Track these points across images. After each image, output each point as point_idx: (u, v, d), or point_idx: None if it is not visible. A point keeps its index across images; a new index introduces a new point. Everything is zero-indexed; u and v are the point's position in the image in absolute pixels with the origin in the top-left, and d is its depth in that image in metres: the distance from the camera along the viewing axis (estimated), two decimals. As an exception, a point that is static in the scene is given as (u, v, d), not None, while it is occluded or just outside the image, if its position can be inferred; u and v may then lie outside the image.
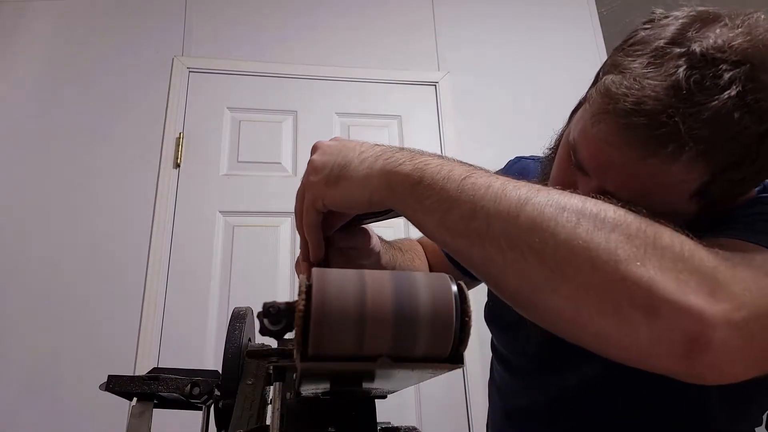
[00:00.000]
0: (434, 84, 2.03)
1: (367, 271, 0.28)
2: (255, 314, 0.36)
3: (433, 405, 1.63)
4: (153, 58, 1.92)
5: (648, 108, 0.43)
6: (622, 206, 0.36)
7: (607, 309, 0.33)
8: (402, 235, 1.65)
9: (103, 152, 1.78)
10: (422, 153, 0.43)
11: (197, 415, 0.46)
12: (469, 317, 0.27)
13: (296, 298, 0.26)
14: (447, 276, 0.29)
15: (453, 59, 2.09)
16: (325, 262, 0.50)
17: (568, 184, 0.52)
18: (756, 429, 0.61)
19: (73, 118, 1.81)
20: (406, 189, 0.41)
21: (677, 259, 0.33)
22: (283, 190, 1.79)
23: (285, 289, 1.69)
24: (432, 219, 0.40)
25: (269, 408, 0.39)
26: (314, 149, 0.48)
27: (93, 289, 1.61)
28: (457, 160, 0.42)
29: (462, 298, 0.28)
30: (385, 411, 0.36)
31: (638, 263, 0.32)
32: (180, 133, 1.82)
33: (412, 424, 0.39)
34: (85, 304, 1.59)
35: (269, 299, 0.29)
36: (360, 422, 0.34)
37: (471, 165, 0.41)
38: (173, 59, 1.92)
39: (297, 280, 0.26)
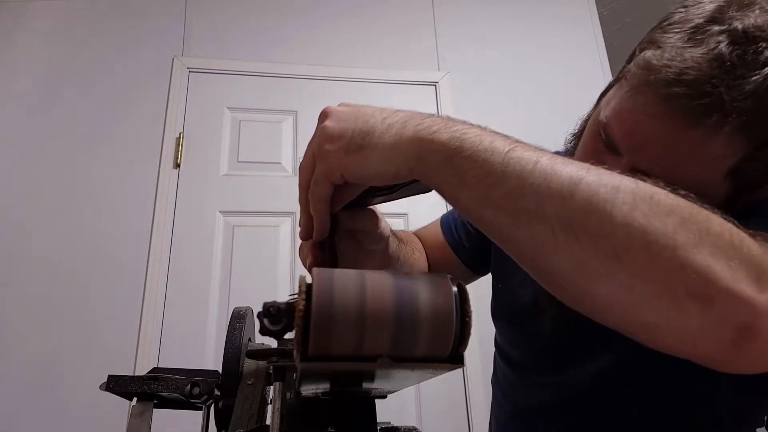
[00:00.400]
0: (434, 84, 2.04)
1: (367, 271, 0.28)
2: (255, 314, 0.36)
3: (433, 405, 1.63)
4: (153, 58, 1.92)
5: (691, 78, 0.43)
6: (670, 189, 0.35)
7: (663, 296, 0.32)
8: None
9: (103, 152, 1.78)
10: (453, 120, 0.39)
11: (197, 415, 0.46)
12: (470, 317, 0.27)
13: (296, 297, 0.26)
14: (447, 276, 0.29)
15: (453, 59, 2.09)
16: (330, 244, 0.45)
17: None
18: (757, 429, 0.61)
19: (73, 118, 1.81)
20: (442, 160, 0.37)
21: (728, 246, 0.33)
22: (283, 190, 1.79)
23: (285, 289, 1.69)
24: (472, 194, 0.36)
25: (269, 408, 0.39)
26: (324, 115, 0.43)
27: (93, 289, 1.61)
28: (492, 130, 0.39)
29: (462, 298, 0.28)
30: (385, 411, 0.36)
31: (695, 250, 0.31)
32: (180, 133, 1.82)
33: (412, 424, 0.39)
34: (85, 304, 1.59)
35: (269, 299, 0.29)
36: (360, 422, 0.34)
37: (508, 136, 0.38)
38: (173, 59, 1.92)
39: (297, 280, 0.26)
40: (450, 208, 0.86)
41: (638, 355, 0.57)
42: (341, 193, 0.45)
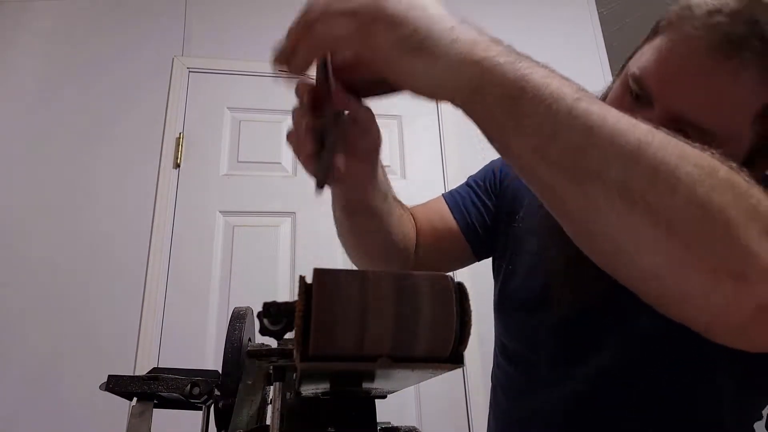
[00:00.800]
0: (434, 84, 2.03)
1: (367, 271, 0.28)
2: (255, 314, 0.36)
3: (433, 405, 1.63)
4: (153, 58, 1.92)
5: (729, 9, 0.46)
6: (724, 161, 0.34)
7: (705, 270, 0.31)
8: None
9: (103, 152, 1.78)
10: (518, 53, 0.35)
11: (197, 415, 0.46)
12: (470, 317, 0.27)
13: (296, 297, 0.26)
14: (447, 276, 0.29)
15: (453, 59, 2.09)
16: (326, 130, 0.39)
17: None
18: (755, 428, 0.61)
19: (73, 118, 1.81)
20: (503, 98, 0.33)
21: None
22: (283, 190, 1.79)
23: (285, 288, 1.69)
24: (526, 143, 0.33)
25: (269, 408, 0.39)
26: None
27: (93, 289, 1.61)
28: (557, 73, 0.35)
29: (462, 298, 0.28)
30: (385, 411, 0.36)
31: (745, 228, 0.31)
32: (180, 133, 1.82)
33: (412, 424, 0.39)
34: (86, 304, 1.59)
35: (269, 299, 0.29)
36: (360, 422, 0.34)
37: (572, 81, 0.35)
38: (173, 59, 1.92)
39: (297, 280, 0.27)
40: (448, 189, 0.82)
41: (640, 355, 0.58)
42: (352, 77, 0.40)
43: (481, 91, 0.33)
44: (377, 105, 0.44)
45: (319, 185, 0.39)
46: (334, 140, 0.40)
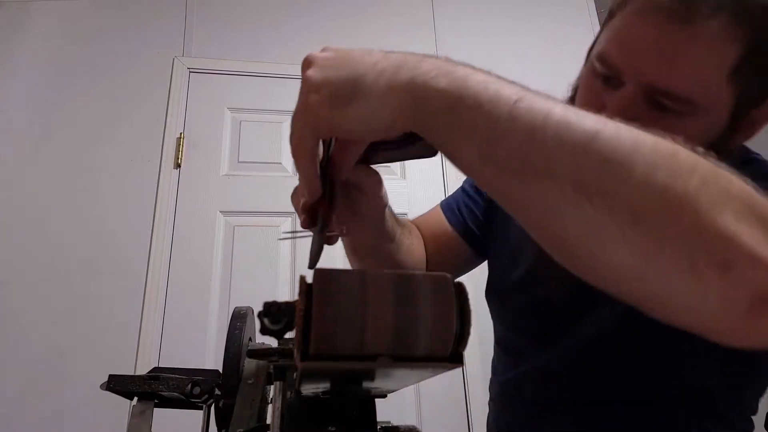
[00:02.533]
0: (434, 84, 2.04)
1: (368, 270, 0.28)
2: (255, 314, 0.36)
3: (433, 405, 1.63)
4: (153, 59, 1.92)
5: None
6: (690, 147, 0.32)
7: (681, 263, 0.29)
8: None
9: (104, 152, 1.78)
10: (454, 62, 0.35)
11: (198, 415, 0.46)
12: (469, 317, 0.27)
13: (296, 297, 0.26)
14: (447, 276, 0.29)
15: (453, 59, 2.09)
16: (328, 202, 0.40)
17: (595, 110, 0.50)
18: (753, 425, 0.62)
19: (74, 119, 1.81)
20: (441, 110, 0.33)
21: (749, 209, 0.30)
22: (283, 190, 1.79)
23: (285, 288, 1.69)
24: (473, 150, 0.32)
25: (270, 407, 0.39)
26: (306, 64, 0.38)
27: (94, 288, 1.61)
28: (497, 75, 0.35)
29: (462, 298, 0.28)
30: (385, 410, 0.36)
31: (717, 212, 0.28)
32: (181, 134, 1.82)
33: (412, 424, 0.39)
34: (86, 304, 1.59)
35: (270, 299, 0.29)
36: (360, 422, 0.34)
37: (515, 83, 0.34)
38: (174, 60, 1.92)
39: (297, 280, 0.27)
40: (448, 189, 0.86)
41: (616, 337, 0.58)
42: (344, 154, 0.41)
43: (421, 107, 0.33)
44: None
45: (310, 266, 0.38)
46: (327, 220, 0.41)
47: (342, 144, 0.40)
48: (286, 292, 1.68)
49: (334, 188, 0.40)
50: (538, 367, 0.65)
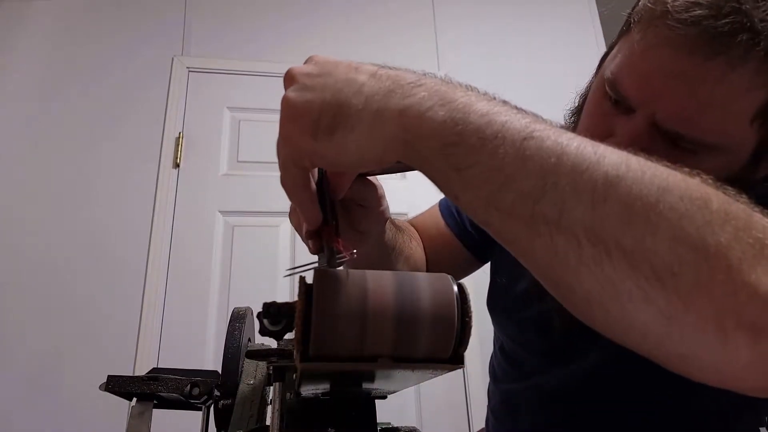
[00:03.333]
0: (434, 84, 2.04)
1: (368, 272, 0.28)
2: (255, 314, 0.36)
3: (433, 405, 1.63)
4: (153, 58, 1.91)
5: (708, 0, 0.39)
6: (716, 186, 0.28)
7: (708, 327, 0.26)
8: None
9: (103, 152, 1.78)
10: (452, 87, 0.30)
11: (197, 416, 0.46)
12: (470, 318, 0.27)
13: (296, 298, 0.26)
14: (448, 277, 0.29)
15: (453, 59, 2.09)
16: (332, 227, 0.37)
17: (602, 134, 0.46)
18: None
19: (73, 118, 1.80)
20: (437, 150, 0.29)
21: None
22: (283, 191, 1.79)
23: (285, 289, 1.68)
24: (476, 195, 0.29)
25: (269, 408, 0.39)
26: (288, 80, 0.34)
27: (93, 288, 1.61)
28: (502, 102, 0.31)
29: (463, 299, 0.27)
30: (385, 411, 0.36)
31: (750, 269, 0.25)
32: (180, 133, 1.82)
33: (412, 424, 0.38)
34: (85, 304, 1.59)
35: (269, 299, 0.29)
36: (360, 423, 0.34)
37: (521, 111, 0.30)
38: (173, 59, 1.91)
39: (297, 281, 0.26)
40: None
41: (625, 354, 0.57)
42: (338, 178, 0.38)
43: (414, 144, 0.29)
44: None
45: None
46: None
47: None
48: (286, 293, 1.68)
49: (335, 210, 0.37)
50: (545, 384, 0.63)
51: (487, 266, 0.78)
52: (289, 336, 0.29)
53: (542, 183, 0.27)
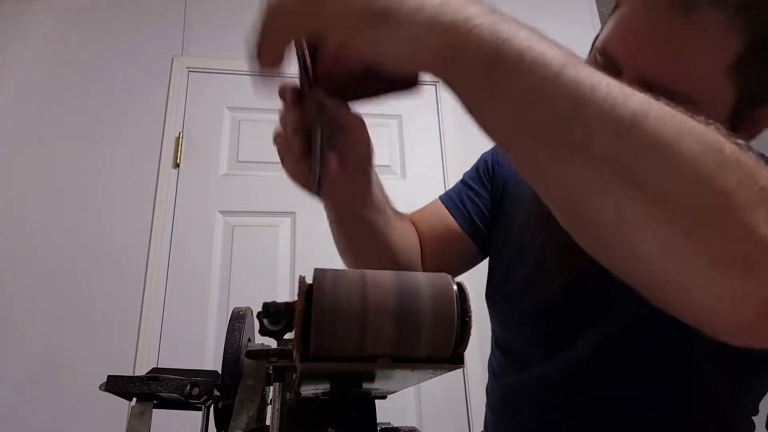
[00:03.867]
0: (434, 84, 2.03)
1: (368, 271, 0.28)
2: (255, 314, 0.36)
3: (433, 405, 1.63)
4: (153, 58, 1.91)
5: None
6: (729, 137, 0.30)
7: (705, 258, 0.28)
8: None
9: (103, 152, 1.78)
10: (500, 13, 0.32)
11: (197, 416, 0.46)
12: (470, 317, 0.27)
13: (296, 298, 0.26)
14: (448, 276, 0.29)
15: (453, 59, 2.09)
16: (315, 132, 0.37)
17: None
18: (754, 426, 0.62)
19: (73, 118, 1.81)
20: (478, 67, 0.30)
21: None
22: (283, 190, 1.79)
23: (285, 288, 1.68)
24: (504, 113, 0.30)
25: (269, 408, 0.39)
26: None
27: (93, 289, 1.61)
28: (541, 34, 0.32)
29: (462, 298, 0.27)
30: (385, 411, 0.36)
31: (751, 211, 0.28)
32: (180, 133, 1.82)
33: (412, 424, 0.38)
34: (85, 304, 1.59)
35: (269, 299, 0.29)
36: (360, 423, 0.34)
37: (559, 45, 0.31)
38: (173, 59, 1.91)
39: (297, 280, 0.26)
40: (449, 189, 0.81)
41: (620, 342, 0.58)
42: (342, 82, 0.38)
43: (457, 58, 0.30)
44: (376, 106, 0.43)
45: (316, 186, 0.38)
46: (322, 136, 0.39)
47: (333, 64, 0.36)
48: (286, 293, 1.68)
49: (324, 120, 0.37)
50: (542, 374, 0.63)
51: (484, 265, 0.77)
52: (289, 336, 0.29)
53: (574, 108, 0.28)
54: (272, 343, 0.34)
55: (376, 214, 0.56)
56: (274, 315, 0.28)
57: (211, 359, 1.55)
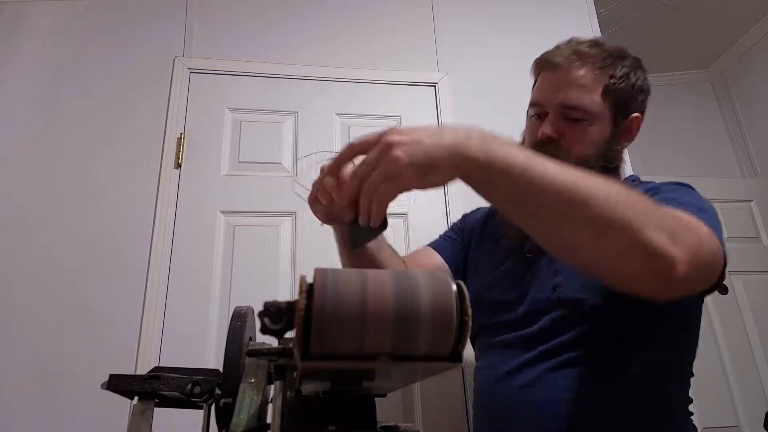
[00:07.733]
0: (434, 85, 2.04)
1: (368, 270, 0.28)
2: (256, 313, 0.36)
3: (433, 405, 1.63)
4: (154, 59, 1.92)
5: (575, 42, 0.93)
6: (622, 186, 0.59)
7: (624, 257, 0.57)
8: (402, 229, 1.67)
9: (104, 153, 1.78)
10: (491, 137, 0.58)
11: (198, 414, 0.46)
12: (469, 316, 0.27)
13: (297, 297, 0.27)
14: (447, 275, 0.29)
15: (452, 60, 2.09)
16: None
17: (537, 138, 0.90)
18: (745, 423, 0.74)
19: (74, 119, 1.81)
20: (478, 169, 0.56)
21: (658, 221, 0.56)
22: (284, 190, 1.79)
23: (286, 288, 1.69)
24: (512, 203, 0.59)
25: (270, 406, 0.39)
26: (389, 146, 0.54)
27: (94, 288, 1.61)
28: (528, 154, 0.57)
29: (461, 297, 0.28)
30: (385, 410, 0.36)
31: (643, 227, 0.55)
32: (181, 134, 1.82)
33: (412, 423, 0.39)
34: (87, 304, 1.59)
35: (270, 298, 0.29)
36: (360, 421, 0.34)
37: (549, 161, 0.56)
38: (174, 60, 1.92)
39: (298, 280, 0.27)
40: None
41: (588, 342, 0.83)
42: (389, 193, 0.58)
43: (464, 169, 0.56)
44: (376, 107, 0.44)
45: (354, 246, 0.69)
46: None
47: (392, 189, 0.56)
48: (287, 292, 1.68)
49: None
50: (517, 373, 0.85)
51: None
52: (290, 334, 0.30)
53: (542, 193, 0.56)
54: (273, 341, 0.35)
55: (377, 251, 0.85)
56: (275, 314, 0.28)
57: (213, 358, 1.55)
